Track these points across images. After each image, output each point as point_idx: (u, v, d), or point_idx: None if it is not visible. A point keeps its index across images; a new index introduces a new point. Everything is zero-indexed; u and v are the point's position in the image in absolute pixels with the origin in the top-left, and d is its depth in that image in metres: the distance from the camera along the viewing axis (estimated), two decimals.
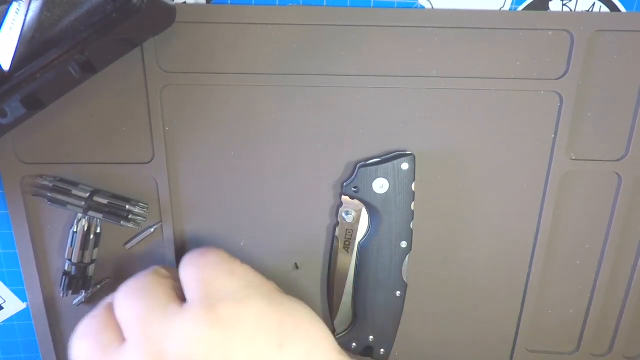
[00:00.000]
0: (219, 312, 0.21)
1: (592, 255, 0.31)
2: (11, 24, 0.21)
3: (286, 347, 0.21)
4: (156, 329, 0.21)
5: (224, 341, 0.21)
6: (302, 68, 0.26)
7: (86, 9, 0.21)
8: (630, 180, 0.29)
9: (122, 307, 0.23)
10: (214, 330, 0.21)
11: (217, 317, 0.21)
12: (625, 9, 0.26)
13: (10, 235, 0.29)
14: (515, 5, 0.25)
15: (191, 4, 0.25)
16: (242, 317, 0.21)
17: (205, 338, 0.21)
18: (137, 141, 0.27)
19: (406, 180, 0.27)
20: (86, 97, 0.26)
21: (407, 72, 0.26)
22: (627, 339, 0.33)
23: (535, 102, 0.27)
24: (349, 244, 0.29)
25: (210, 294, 0.22)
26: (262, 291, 0.23)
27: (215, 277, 0.23)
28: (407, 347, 0.33)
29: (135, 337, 0.22)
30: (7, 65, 0.21)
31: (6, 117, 0.22)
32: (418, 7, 0.25)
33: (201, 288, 0.22)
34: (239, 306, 0.22)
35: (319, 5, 0.25)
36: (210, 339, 0.21)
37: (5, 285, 0.30)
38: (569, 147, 0.28)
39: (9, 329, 0.32)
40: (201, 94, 0.27)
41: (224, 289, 0.22)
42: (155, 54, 0.25)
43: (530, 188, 0.29)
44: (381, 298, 0.30)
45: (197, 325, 0.21)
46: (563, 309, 0.32)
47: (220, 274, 0.23)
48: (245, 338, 0.21)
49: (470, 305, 0.32)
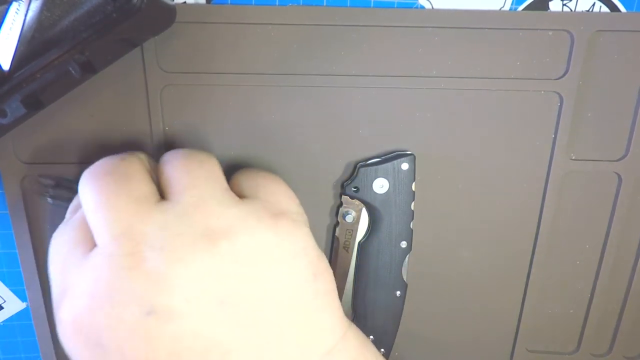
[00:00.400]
0: (279, 224, 0.20)
1: (592, 255, 0.31)
2: (11, 23, 0.21)
3: (318, 278, 0.20)
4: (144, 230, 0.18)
5: (275, 253, 0.19)
6: (302, 68, 0.26)
7: (86, 9, 0.21)
8: (630, 180, 0.29)
9: (87, 199, 0.19)
10: (275, 237, 0.19)
11: (276, 226, 0.20)
12: (625, 9, 0.26)
13: (10, 235, 0.29)
14: (515, 5, 0.25)
15: (191, 4, 0.25)
16: (297, 235, 0.20)
17: (260, 244, 0.19)
18: (137, 141, 0.27)
19: (406, 180, 0.27)
20: (86, 97, 0.26)
21: (407, 72, 0.26)
22: (627, 339, 0.33)
23: (535, 102, 0.27)
24: (349, 244, 0.29)
25: (268, 200, 0.21)
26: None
27: (276, 190, 0.22)
28: (407, 347, 0.33)
29: (106, 241, 0.18)
30: (7, 65, 0.21)
31: (6, 117, 0.22)
32: (418, 7, 0.25)
33: (258, 190, 0.21)
34: (296, 225, 0.20)
35: (319, 5, 0.25)
36: (267, 245, 0.19)
37: (5, 285, 0.30)
38: (569, 147, 0.28)
39: (9, 329, 0.32)
40: (201, 94, 0.27)
41: (285, 204, 0.21)
42: (155, 54, 0.25)
43: (530, 188, 0.29)
44: (381, 298, 0.30)
45: (257, 222, 0.19)
46: (563, 309, 0.32)
47: (281, 190, 0.22)
48: (293, 257, 0.20)
49: (470, 305, 0.32)
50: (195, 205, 0.19)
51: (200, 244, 0.18)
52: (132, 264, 0.17)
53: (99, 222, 0.19)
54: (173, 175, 0.20)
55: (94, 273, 0.18)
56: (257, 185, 0.22)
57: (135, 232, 0.18)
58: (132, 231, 0.18)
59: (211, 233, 0.18)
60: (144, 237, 0.18)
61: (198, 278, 0.18)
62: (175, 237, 0.18)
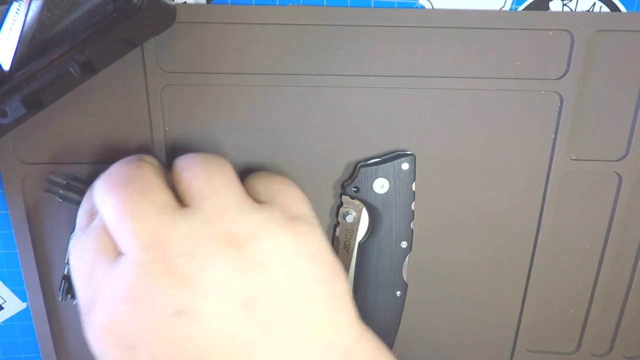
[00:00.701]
0: (297, 228, 0.20)
1: (592, 255, 0.31)
2: (11, 24, 0.21)
3: (334, 279, 0.21)
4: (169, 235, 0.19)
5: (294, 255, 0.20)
6: (302, 68, 0.26)
7: (86, 9, 0.21)
8: (630, 180, 0.29)
9: (109, 210, 0.20)
10: (294, 240, 0.20)
11: (294, 229, 0.20)
12: (626, 9, 0.26)
13: (10, 235, 0.29)
14: (515, 5, 0.25)
15: (191, 4, 0.25)
16: (314, 238, 0.21)
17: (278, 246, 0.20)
18: (137, 141, 0.27)
19: (406, 180, 0.27)
20: (86, 97, 0.26)
21: (407, 72, 0.26)
22: (627, 339, 0.33)
23: (535, 102, 0.27)
24: (349, 244, 0.29)
25: (284, 204, 0.21)
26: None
27: (292, 195, 0.22)
28: (407, 346, 0.33)
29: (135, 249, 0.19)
30: (7, 65, 0.21)
31: (6, 117, 0.22)
32: (418, 7, 0.25)
33: (274, 195, 0.22)
34: (312, 229, 0.21)
35: (319, 5, 0.25)
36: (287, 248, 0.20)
37: (5, 285, 0.30)
38: (569, 147, 0.28)
39: (9, 329, 0.32)
40: (201, 94, 0.27)
41: (300, 208, 0.22)
42: (155, 54, 0.25)
43: (530, 188, 0.29)
44: (381, 298, 0.30)
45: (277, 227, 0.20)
46: (563, 309, 0.32)
47: (296, 195, 0.22)
48: (311, 259, 0.20)
49: (470, 305, 0.32)
50: (218, 212, 0.20)
51: (226, 249, 0.19)
52: (162, 271, 0.18)
53: (125, 232, 0.19)
54: (194, 182, 0.20)
55: (125, 280, 0.19)
56: (273, 190, 0.22)
57: (162, 241, 0.19)
58: (159, 240, 0.19)
59: (235, 238, 0.19)
60: (171, 245, 0.19)
61: (224, 281, 0.19)
62: (201, 243, 0.19)
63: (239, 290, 0.19)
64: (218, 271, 0.19)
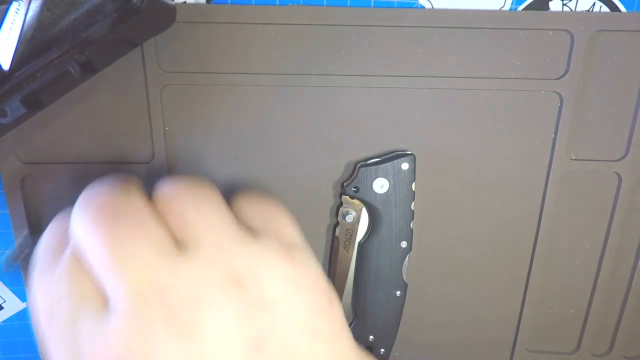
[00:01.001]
0: (294, 257, 0.19)
1: (592, 255, 0.31)
2: (11, 23, 0.21)
3: (333, 304, 0.20)
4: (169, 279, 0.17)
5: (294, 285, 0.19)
6: (302, 68, 0.26)
7: (86, 9, 0.21)
8: (630, 180, 0.29)
9: (96, 250, 0.17)
10: (292, 270, 0.19)
11: (292, 259, 0.19)
12: (626, 9, 0.26)
13: (10, 235, 0.29)
14: (515, 5, 0.25)
15: (191, 4, 0.25)
16: (310, 265, 0.20)
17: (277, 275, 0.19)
18: (137, 141, 0.27)
19: (406, 180, 0.27)
20: (86, 97, 0.26)
21: (407, 72, 0.26)
22: (627, 339, 0.33)
23: (535, 102, 0.27)
24: (349, 244, 0.29)
25: (278, 233, 0.20)
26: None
27: (283, 222, 0.21)
28: (407, 346, 0.33)
29: (129, 299, 0.16)
30: (7, 65, 0.21)
31: (6, 117, 0.22)
32: (418, 7, 0.25)
33: (264, 218, 0.21)
34: (306, 254, 0.20)
35: (319, 5, 0.25)
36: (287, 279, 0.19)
37: (5, 285, 0.30)
38: (569, 147, 0.28)
39: (9, 329, 0.32)
40: (201, 94, 0.27)
41: (293, 235, 0.21)
42: (155, 54, 0.25)
43: (530, 188, 0.29)
44: (381, 298, 0.30)
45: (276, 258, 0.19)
46: (563, 309, 0.32)
47: (287, 220, 0.21)
48: (311, 287, 0.20)
49: (470, 305, 0.32)
50: (217, 250, 0.18)
51: (229, 290, 0.18)
52: (164, 323, 0.16)
53: (118, 279, 0.17)
54: (185, 216, 0.19)
55: (121, 337, 0.16)
56: (262, 212, 0.21)
57: (163, 288, 0.17)
58: (160, 287, 0.17)
59: (236, 276, 0.18)
60: (173, 291, 0.17)
61: (232, 326, 0.17)
62: (204, 285, 0.17)
63: (249, 333, 0.17)
64: (226, 317, 0.17)
